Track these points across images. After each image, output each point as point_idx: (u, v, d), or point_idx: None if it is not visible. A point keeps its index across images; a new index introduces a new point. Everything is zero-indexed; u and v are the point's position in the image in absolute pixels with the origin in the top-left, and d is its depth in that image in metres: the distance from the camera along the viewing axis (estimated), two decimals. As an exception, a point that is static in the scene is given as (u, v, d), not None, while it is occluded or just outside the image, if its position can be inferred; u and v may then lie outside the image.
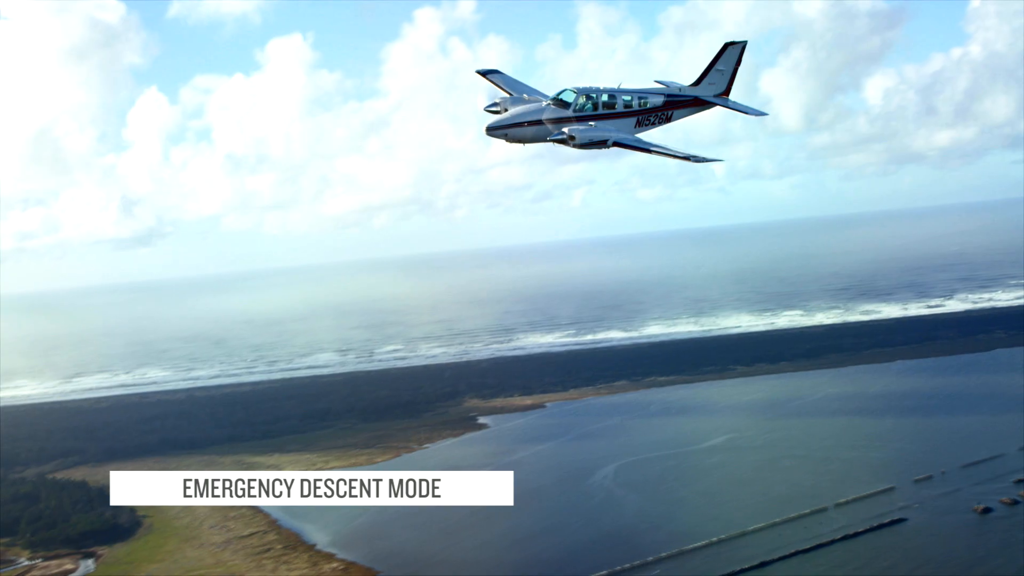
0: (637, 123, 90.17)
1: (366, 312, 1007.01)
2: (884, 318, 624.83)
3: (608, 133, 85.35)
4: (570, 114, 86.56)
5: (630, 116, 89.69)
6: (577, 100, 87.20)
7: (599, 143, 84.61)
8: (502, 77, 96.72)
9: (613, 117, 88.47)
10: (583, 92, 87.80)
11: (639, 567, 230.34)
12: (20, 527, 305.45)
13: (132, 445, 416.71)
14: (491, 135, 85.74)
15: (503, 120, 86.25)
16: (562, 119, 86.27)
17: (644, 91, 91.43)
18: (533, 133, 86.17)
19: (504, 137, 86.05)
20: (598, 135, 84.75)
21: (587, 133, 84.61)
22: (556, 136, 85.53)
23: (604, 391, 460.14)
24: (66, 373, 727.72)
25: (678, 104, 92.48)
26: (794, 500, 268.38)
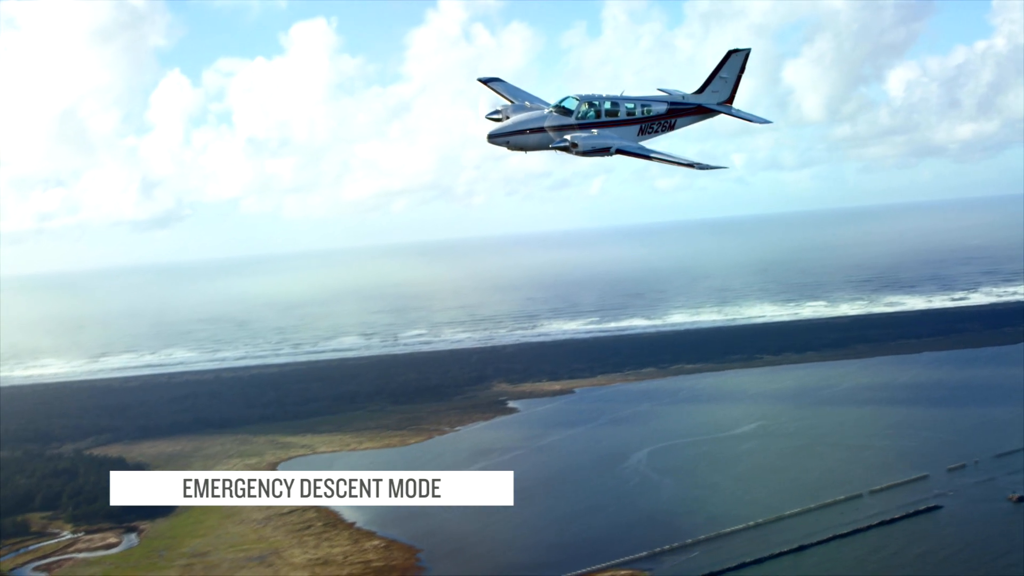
0: (640, 131, 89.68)
1: (388, 297, 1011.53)
2: (909, 310, 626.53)
3: (611, 141, 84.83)
4: (572, 121, 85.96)
5: (633, 124, 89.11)
6: (580, 107, 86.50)
7: (602, 151, 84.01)
8: (504, 85, 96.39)
9: (616, 125, 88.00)
10: (586, 99, 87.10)
11: (678, 548, 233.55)
12: (62, 501, 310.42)
13: (165, 424, 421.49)
14: (492, 142, 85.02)
15: (505, 127, 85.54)
16: (564, 126, 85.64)
17: (647, 99, 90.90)
18: (535, 141, 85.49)
19: (506, 145, 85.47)
20: (601, 143, 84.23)
21: (590, 141, 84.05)
22: (558, 144, 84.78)
23: (632, 378, 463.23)
24: (92, 352, 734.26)
25: (681, 112, 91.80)
26: (828, 486, 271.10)
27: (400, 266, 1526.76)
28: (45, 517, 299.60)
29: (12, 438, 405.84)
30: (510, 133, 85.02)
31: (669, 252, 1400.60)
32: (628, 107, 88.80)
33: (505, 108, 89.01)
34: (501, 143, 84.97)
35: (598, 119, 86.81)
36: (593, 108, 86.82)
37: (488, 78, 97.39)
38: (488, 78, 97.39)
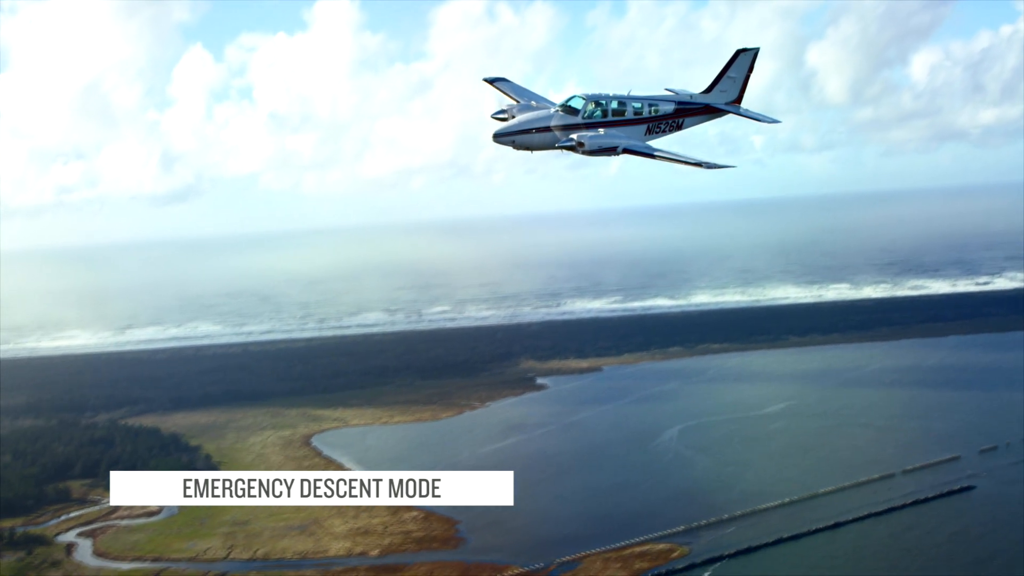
0: (647, 131, 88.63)
1: (410, 273, 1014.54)
2: (933, 293, 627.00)
3: (618, 140, 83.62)
4: (579, 121, 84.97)
5: (640, 123, 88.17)
6: (586, 107, 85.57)
7: (609, 150, 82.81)
8: (509, 85, 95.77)
9: (623, 124, 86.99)
10: (592, 99, 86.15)
11: (715, 524, 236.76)
12: (101, 469, 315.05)
13: (197, 395, 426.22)
14: (498, 142, 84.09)
15: (510, 127, 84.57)
16: (571, 126, 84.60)
17: (655, 98, 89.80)
18: (541, 140, 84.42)
19: (511, 144, 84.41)
20: (608, 142, 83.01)
21: (596, 140, 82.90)
22: (565, 143, 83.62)
23: (659, 356, 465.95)
24: (118, 325, 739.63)
25: (689, 112, 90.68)
26: (861, 466, 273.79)
27: (420, 243, 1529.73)
28: (85, 484, 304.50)
29: (47, 407, 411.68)
30: (516, 132, 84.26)
31: (689, 232, 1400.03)
32: (635, 107, 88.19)
33: (511, 108, 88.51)
34: (507, 142, 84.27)
35: (605, 119, 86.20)
36: (600, 107, 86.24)
37: (494, 78, 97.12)
38: (494, 78, 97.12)
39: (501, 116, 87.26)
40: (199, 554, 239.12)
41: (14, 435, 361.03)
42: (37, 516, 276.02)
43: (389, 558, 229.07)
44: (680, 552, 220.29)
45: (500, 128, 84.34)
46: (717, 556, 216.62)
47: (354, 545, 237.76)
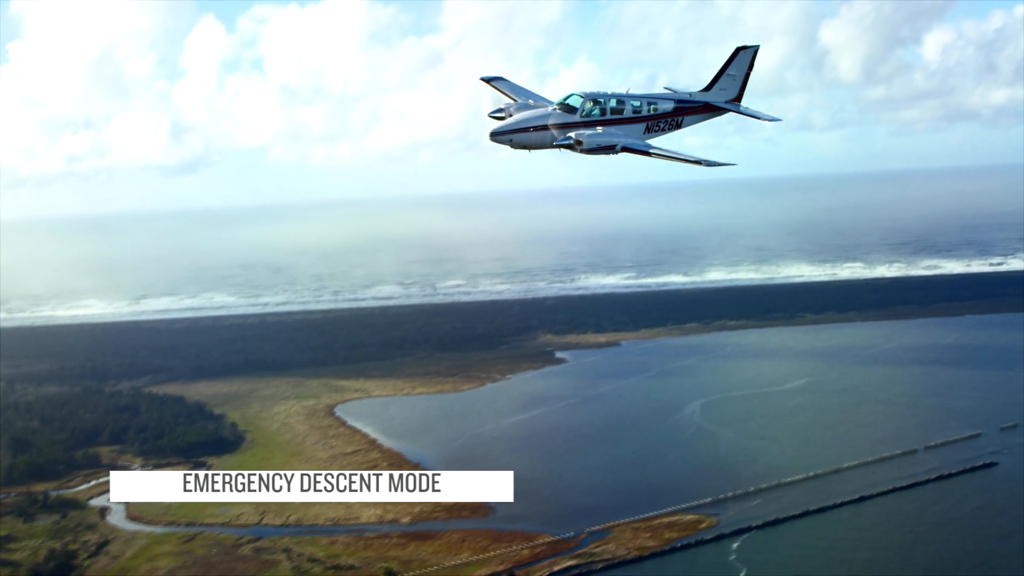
0: (647, 129, 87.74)
1: (421, 247, 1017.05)
2: (948, 273, 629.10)
3: (617, 138, 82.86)
4: (577, 119, 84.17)
5: (639, 122, 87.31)
6: (584, 105, 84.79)
7: (607, 148, 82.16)
8: (507, 84, 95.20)
9: (622, 123, 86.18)
10: (591, 97, 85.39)
11: (741, 496, 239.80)
12: (128, 436, 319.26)
13: (218, 365, 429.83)
14: (495, 140, 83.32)
15: (508, 125, 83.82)
16: (569, 124, 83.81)
17: (653, 96, 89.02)
18: (539, 138, 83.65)
19: (508, 143, 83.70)
20: (606, 140, 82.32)
21: (595, 138, 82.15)
22: (563, 141, 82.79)
23: (676, 332, 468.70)
24: (132, 295, 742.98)
25: (688, 110, 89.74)
26: (883, 442, 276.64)
27: (430, 217, 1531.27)
28: (114, 450, 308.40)
29: (69, 375, 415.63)
30: (513, 131, 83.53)
31: (700, 210, 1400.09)
32: (634, 105, 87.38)
33: (508, 106, 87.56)
34: (504, 141, 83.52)
35: (603, 117, 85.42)
36: (598, 106, 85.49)
37: (491, 77, 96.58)
38: (491, 77, 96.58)
39: (498, 115, 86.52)
40: (232, 519, 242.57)
41: (40, 401, 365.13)
42: (68, 481, 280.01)
43: (420, 525, 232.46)
44: (708, 523, 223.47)
45: (497, 126, 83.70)
46: (745, 527, 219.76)
47: (385, 512, 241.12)
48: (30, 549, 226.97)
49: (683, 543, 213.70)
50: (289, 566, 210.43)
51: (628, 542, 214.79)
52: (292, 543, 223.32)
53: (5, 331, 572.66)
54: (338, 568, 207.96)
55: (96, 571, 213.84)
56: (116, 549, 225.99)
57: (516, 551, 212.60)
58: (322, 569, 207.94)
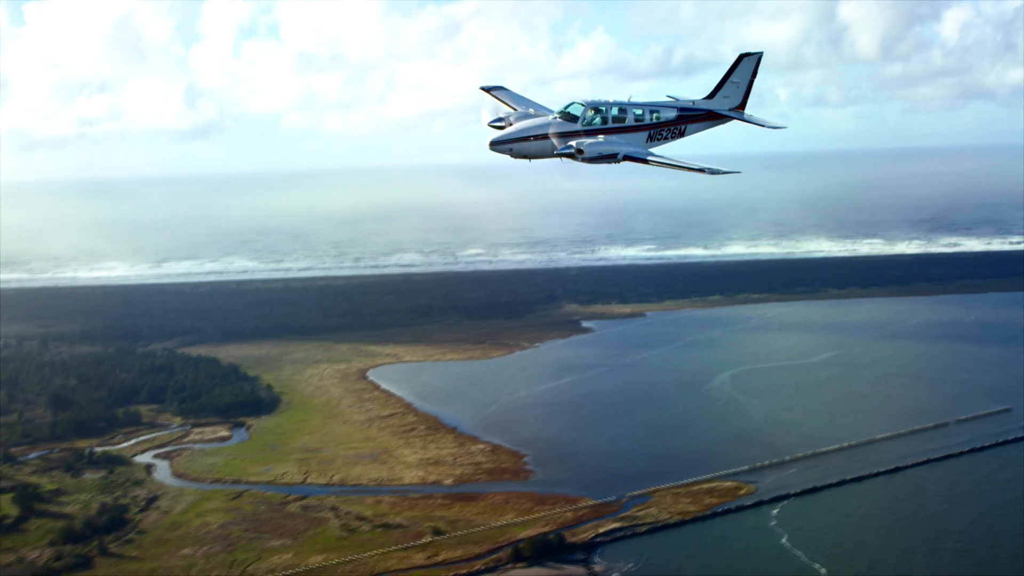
0: (649, 138, 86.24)
1: (439, 216, 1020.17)
2: (968, 251, 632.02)
3: (618, 147, 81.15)
4: (578, 128, 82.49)
5: (641, 130, 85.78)
6: (586, 114, 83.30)
7: (609, 157, 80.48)
8: (507, 93, 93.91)
9: (623, 131, 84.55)
10: (592, 105, 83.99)
11: (776, 465, 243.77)
12: (167, 395, 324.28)
13: (247, 328, 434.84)
14: (495, 150, 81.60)
15: (508, 134, 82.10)
16: (570, 133, 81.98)
17: (656, 104, 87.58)
18: (539, 148, 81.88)
19: (508, 152, 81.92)
20: (608, 149, 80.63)
21: (596, 147, 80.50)
22: (564, 150, 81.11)
23: (700, 304, 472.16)
24: (154, 258, 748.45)
25: (691, 118, 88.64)
26: (914, 415, 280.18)
27: (446, 187, 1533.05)
28: (153, 409, 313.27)
29: (101, 335, 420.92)
30: (513, 140, 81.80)
31: (716, 183, 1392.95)
32: (636, 113, 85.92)
33: (508, 115, 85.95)
34: (504, 151, 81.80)
35: (605, 126, 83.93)
36: (600, 114, 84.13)
37: (491, 86, 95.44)
38: (491, 86, 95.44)
39: (498, 124, 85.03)
40: (277, 478, 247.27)
41: (75, 360, 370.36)
42: (110, 438, 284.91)
43: (463, 487, 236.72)
44: (747, 490, 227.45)
45: (497, 136, 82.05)
46: (783, 495, 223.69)
47: (427, 474, 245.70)
48: (81, 503, 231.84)
49: (723, 508, 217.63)
50: (337, 524, 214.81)
51: (669, 507, 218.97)
52: (338, 502, 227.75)
53: (31, 291, 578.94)
54: (386, 527, 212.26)
55: (148, 525, 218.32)
56: (166, 504, 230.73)
57: (560, 513, 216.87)
58: (370, 527, 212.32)
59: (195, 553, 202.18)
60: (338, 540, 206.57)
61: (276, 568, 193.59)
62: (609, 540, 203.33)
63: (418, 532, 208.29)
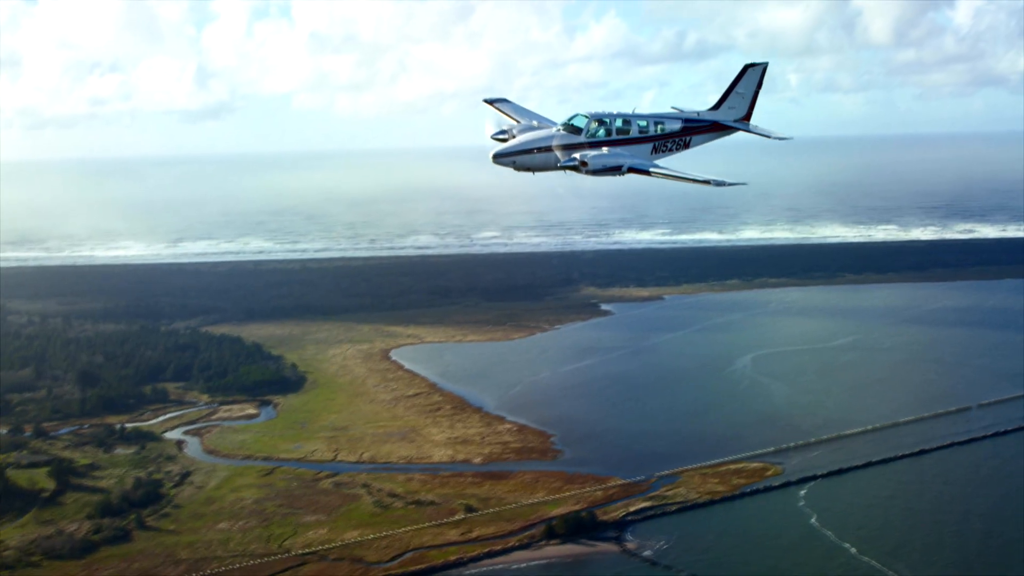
0: (654, 149, 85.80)
1: (451, 198, 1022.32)
2: (983, 238, 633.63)
3: (623, 159, 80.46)
4: (582, 140, 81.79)
5: (646, 142, 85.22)
6: (589, 125, 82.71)
7: (613, 169, 79.74)
8: (510, 105, 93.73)
9: (628, 143, 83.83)
10: (596, 117, 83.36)
11: (802, 447, 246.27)
12: (193, 373, 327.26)
13: (268, 308, 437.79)
14: (498, 163, 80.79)
15: (511, 147, 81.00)
16: (573, 145, 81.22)
17: (660, 116, 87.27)
18: (543, 160, 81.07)
19: (512, 165, 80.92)
20: (612, 161, 79.95)
21: (600, 159, 79.87)
22: (567, 163, 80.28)
23: (717, 288, 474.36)
24: (169, 237, 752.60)
25: (696, 129, 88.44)
26: (936, 399, 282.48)
27: (457, 169, 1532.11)
28: (180, 387, 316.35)
29: (123, 313, 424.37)
30: (516, 153, 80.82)
31: (726, 168, 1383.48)
32: (640, 125, 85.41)
33: (511, 128, 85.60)
34: (507, 163, 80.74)
35: (609, 137, 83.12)
36: (604, 126, 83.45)
37: (494, 99, 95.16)
38: (494, 99, 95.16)
39: (501, 137, 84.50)
40: (307, 455, 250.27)
41: (100, 338, 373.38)
42: (139, 414, 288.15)
43: (491, 466, 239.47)
44: (774, 471, 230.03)
45: (500, 148, 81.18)
46: (810, 476, 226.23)
47: (456, 452, 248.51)
48: (116, 477, 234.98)
49: (752, 489, 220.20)
50: (370, 500, 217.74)
51: (698, 487, 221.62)
52: (370, 479, 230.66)
53: (50, 269, 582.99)
54: (418, 503, 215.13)
55: (183, 499, 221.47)
56: (199, 479, 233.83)
57: (590, 492, 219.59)
58: (403, 504, 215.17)
59: (232, 527, 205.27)
60: (372, 516, 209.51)
61: (312, 543, 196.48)
62: (640, 519, 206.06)
63: (451, 509, 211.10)
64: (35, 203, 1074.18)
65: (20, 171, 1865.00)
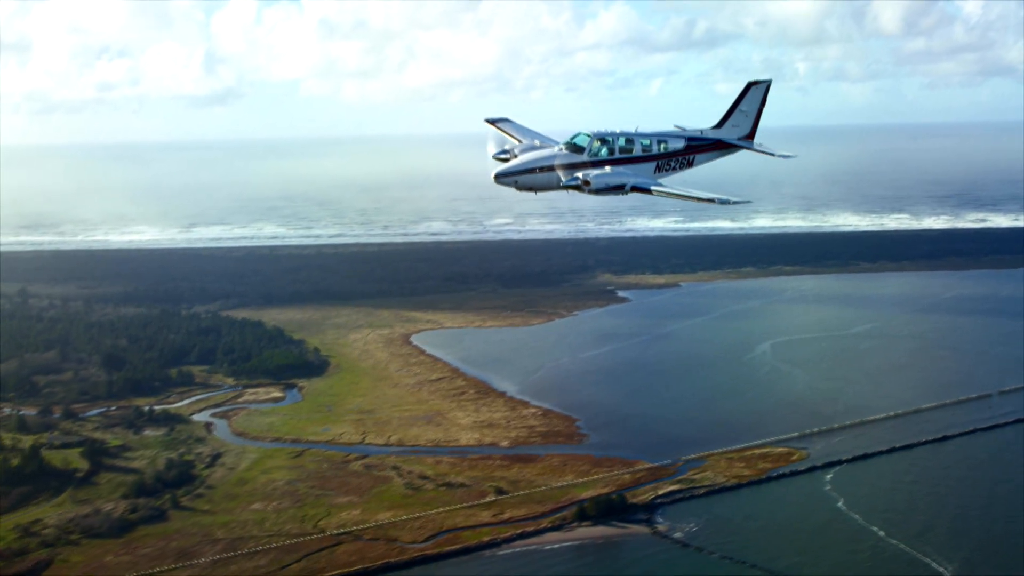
0: (657, 168, 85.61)
1: (462, 185, 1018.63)
2: (996, 227, 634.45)
3: (625, 178, 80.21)
4: (585, 159, 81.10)
5: (649, 161, 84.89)
6: (592, 145, 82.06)
7: (616, 188, 79.61)
8: (512, 125, 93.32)
9: (631, 162, 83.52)
10: (598, 136, 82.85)
11: (824, 432, 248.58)
12: (216, 356, 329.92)
13: (287, 293, 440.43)
14: (500, 183, 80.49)
15: (513, 167, 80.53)
16: (576, 164, 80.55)
17: (663, 134, 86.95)
18: (545, 180, 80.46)
19: (514, 185, 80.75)
20: (615, 180, 79.59)
21: (603, 178, 79.27)
22: (570, 182, 79.63)
23: (733, 276, 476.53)
24: (182, 223, 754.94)
25: (700, 148, 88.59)
26: (957, 386, 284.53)
27: (465, 156, 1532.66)
28: (204, 370, 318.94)
29: (144, 297, 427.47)
30: (518, 172, 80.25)
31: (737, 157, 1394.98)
32: (643, 143, 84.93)
33: (513, 148, 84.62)
34: (509, 183, 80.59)
35: (612, 157, 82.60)
36: (606, 145, 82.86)
37: (496, 118, 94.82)
38: (496, 118, 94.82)
39: (503, 156, 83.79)
40: (335, 437, 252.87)
41: (122, 321, 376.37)
42: (165, 397, 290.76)
43: (519, 449, 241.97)
44: (799, 456, 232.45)
45: (502, 168, 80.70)
46: (835, 460, 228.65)
47: (483, 436, 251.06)
48: (147, 458, 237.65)
49: (778, 473, 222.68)
50: (401, 482, 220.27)
51: (724, 471, 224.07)
52: (399, 461, 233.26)
53: (66, 253, 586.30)
54: (449, 485, 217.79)
55: (216, 480, 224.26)
56: (230, 461, 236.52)
57: (617, 475, 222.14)
58: (433, 486, 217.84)
59: (266, 508, 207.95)
60: (403, 498, 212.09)
61: (346, 523, 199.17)
62: (669, 502, 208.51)
63: (481, 491, 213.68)
64: (45, 187, 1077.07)
65: (27, 155, 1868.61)
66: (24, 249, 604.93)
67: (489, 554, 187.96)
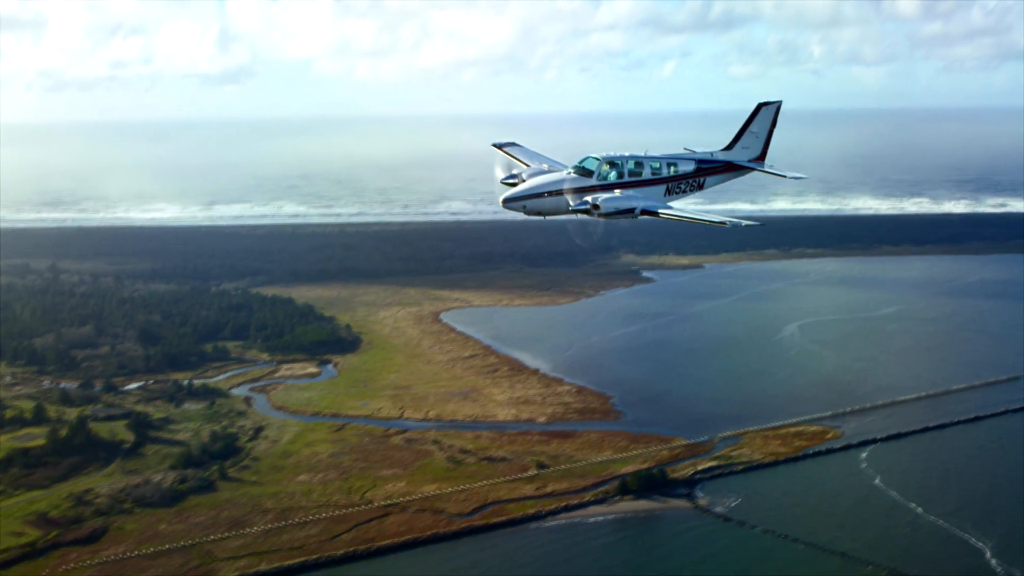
0: (667, 191, 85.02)
1: (478, 164, 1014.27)
2: (1018, 211, 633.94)
3: (635, 202, 79.37)
4: (594, 183, 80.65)
5: (659, 183, 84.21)
6: (601, 168, 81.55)
7: (626, 212, 78.94)
8: (520, 149, 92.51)
9: (640, 185, 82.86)
10: (607, 160, 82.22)
11: (857, 412, 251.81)
12: (250, 332, 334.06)
13: (314, 271, 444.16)
14: (508, 207, 79.73)
15: (521, 191, 79.94)
16: (585, 188, 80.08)
17: (673, 157, 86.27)
18: (553, 204, 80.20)
19: (522, 209, 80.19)
20: (625, 204, 78.89)
21: (613, 202, 78.73)
22: (579, 206, 79.20)
23: (756, 258, 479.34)
24: (202, 200, 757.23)
25: (710, 170, 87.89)
26: (986, 367, 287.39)
27: (480, 135, 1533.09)
28: (239, 346, 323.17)
29: (173, 274, 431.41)
30: (527, 197, 79.86)
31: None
32: (653, 166, 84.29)
33: (522, 172, 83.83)
34: (517, 208, 79.93)
35: (621, 180, 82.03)
36: (615, 168, 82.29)
37: (503, 143, 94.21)
38: (503, 143, 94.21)
39: (511, 181, 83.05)
40: (374, 412, 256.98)
41: (154, 297, 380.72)
42: (203, 372, 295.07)
43: (556, 425, 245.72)
44: (833, 434, 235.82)
45: (510, 193, 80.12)
46: (870, 439, 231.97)
47: (519, 412, 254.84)
48: (191, 431, 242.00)
49: (814, 451, 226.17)
50: (443, 456, 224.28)
51: (760, 448, 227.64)
52: (439, 436, 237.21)
53: (91, 230, 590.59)
54: (490, 460, 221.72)
55: (260, 453, 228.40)
56: (273, 434, 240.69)
57: (656, 451, 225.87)
58: (475, 460, 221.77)
59: (312, 479, 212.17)
60: (446, 471, 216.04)
61: (392, 495, 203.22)
62: (708, 477, 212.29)
63: (522, 465, 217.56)
64: (63, 165, 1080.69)
65: (42, 133, 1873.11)
66: (48, 226, 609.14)
67: (535, 526, 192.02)
